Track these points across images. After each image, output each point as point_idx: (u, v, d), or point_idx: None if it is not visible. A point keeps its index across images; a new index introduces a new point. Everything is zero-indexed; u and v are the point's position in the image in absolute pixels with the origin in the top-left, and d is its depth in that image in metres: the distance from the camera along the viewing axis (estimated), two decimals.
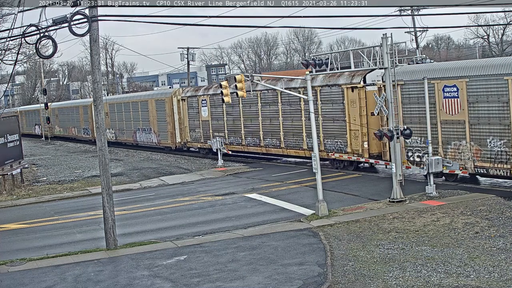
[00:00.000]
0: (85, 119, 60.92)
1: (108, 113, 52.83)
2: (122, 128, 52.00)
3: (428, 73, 23.00)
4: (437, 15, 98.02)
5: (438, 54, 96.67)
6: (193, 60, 70.88)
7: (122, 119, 51.72)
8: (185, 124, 41.60)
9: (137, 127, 49.02)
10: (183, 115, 41.82)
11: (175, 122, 42.53)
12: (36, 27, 17.42)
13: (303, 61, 23.19)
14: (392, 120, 20.99)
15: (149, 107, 46.16)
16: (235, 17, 54.20)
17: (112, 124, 53.69)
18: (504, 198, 19.82)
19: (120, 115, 51.87)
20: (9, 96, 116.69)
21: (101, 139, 17.93)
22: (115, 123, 53.21)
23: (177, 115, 42.34)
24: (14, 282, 14.96)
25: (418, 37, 55.45)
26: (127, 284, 14.13)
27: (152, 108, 45.79)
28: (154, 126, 45.53)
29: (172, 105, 42.64)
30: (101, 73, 18.58)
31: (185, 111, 41.41)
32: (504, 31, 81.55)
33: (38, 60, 68.66)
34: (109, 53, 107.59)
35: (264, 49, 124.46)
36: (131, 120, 49.84)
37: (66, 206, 26.13)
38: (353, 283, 12.93)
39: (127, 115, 50.65)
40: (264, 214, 21.00)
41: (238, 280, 13.68)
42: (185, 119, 41.62)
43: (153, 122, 45.61)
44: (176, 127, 42.58)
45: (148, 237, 18.84)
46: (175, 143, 43.10)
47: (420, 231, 16.74)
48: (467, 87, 22.08)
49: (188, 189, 27.90)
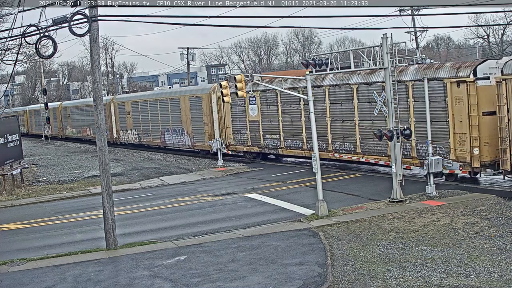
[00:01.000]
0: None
1: (131, 112, 49.49)
2: (147, 129, 47.23)
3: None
4: (437, 15, 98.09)
5: (438, 54, 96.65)
6: (193, 60, 70.89)
7: (147, 119, 46.94)
8: (227, 124, 36.94)
9: (166, 127, 44.06)
10: (224, 114, 37.08)
11: (214, 122, 37.90)
12: (36, 27, 17.43)
13: (303, 61, 23.20)
14: (392, 120, 20.99)
15: (182, 105, 41.40)
16: (235, 17, 54.30)
17: (135, 125, 49.32)
18: (504, 198, 19.82)
19: (145, 114, 47.09)
20: (9, 96, 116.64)
21: (101, 139, 17.91)
22: (139, 124, 48.49)
23: (216, 114, 37.68)
24: (14, 282, 14.96)
25: (418, 37, 55.44)
26: (127, 284, 14.13)
27: (185, 106, 41.01)
28: (188, 126, 40.74)
29: (210, 103, 37.83)
30: (101, 73, 18.58)
31: (227, 110, 36.57)
32: (504, 31, 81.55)
33: (38, 60, 68.52)
34: (109, 53, 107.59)
35: (264, 49, 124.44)
36: (159, 120, 45.00)
37: (66, 206, 26.12)
38: (353, 283, 12.93)
39: (153, 114, 45.84)
40: (264, 214, 21.00)
41: (238, 280, 13.68)
42: (227, 119, 36.91)
43: (187, 122, 40.85)
44: (215, 128, 37.93)
45: (148, 237, 18.84)
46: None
47: (420, 231, 16.74)
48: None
49: (188, 189, 27.90)
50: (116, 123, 52.99)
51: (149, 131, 46.93)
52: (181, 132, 41.82)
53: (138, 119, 48.38)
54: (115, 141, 53.32)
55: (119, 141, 52.79)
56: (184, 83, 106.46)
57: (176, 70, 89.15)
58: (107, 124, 52.63)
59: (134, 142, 49.46)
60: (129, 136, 50.75)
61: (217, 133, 37.61)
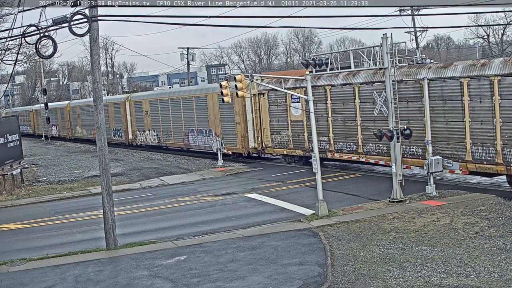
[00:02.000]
0: (116, 118, 52.79)
1: (149, 111, 46.00)
2: (167, 130, 43.66)
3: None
4: (437, 15, 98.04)
5: (438, 54, 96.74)
6: (193, 60, 70.92)
7: (168, 119, 43.31)
8: (264, 125, 33.65)
9: (190, 128, 40.53)
10: (260, 113, 33.87)
11: (248, 122, 34.55)
12: (36, 27, 17.44)
13: (303, 61, 23.18)
14: (392, 120, 20.99)
15: (209, 104, 37.78)
16: (235, 17, 54.16)
17: (153, 125, 45.73)
18: (504, 198, 19.81)
19: (166, 113, 43.48)
20: (9, 96, 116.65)
21: (101, 139, 17.92)
22: (158, 124, 44.94)
23: (250, 113, 34.45)
24: (14, 282, 14.96)
25: (418, 37, 55.47)
26: (127, 284, 14.13)
27: (213, 105, 37.27)
28: (216, 127, 37.15)
29: (243, 101, 34.23)
30: (101, 73, 18.58)
31: (264, 109, 33.29)
32: (504, 31, 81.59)
33: (38, 60, 68.38)
34: (109, 53, 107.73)
35: (264, 49, 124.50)
36: (182, 120, 41.40)
37: (66, 206, 26.12)
38: (353, 283, 12.93)
39: (176, 113, 42.12)
40: (264, 214, 21.00)
41: (238, 280, 13.68)
42: (264, 119, 33.59)
43: (215, 122, 37.33)
44: (250, 129, 34.71)
45: (148, 237, 18.84)
46: (247, 148, 35.12)
47: (420, 231, 16.74)
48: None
49: (188, 189, 27.90)
50: (132, 123, 49.68)
51: (170, 132, 43.43)
52: (208, 133, 38.22)
53: (158, 119, 44.97)
54: (131, 143, 50.46)
55: (135, 143, 49.65)
56: (184, 83, 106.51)
57: (176, 70, 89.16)
58: (121, 124, 51.19)
59: (152, 144, 45.86)
60: (146, 137, 47.35)
61: (251, 134, 34.74)
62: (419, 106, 23.90)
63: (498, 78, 20.86)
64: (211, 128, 37.86)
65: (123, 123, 50.80)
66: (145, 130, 47.32)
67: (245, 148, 35.24)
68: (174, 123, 42.48)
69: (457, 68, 22.55)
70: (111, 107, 52.69)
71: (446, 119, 22.98)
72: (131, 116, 49.71)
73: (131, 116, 49.71)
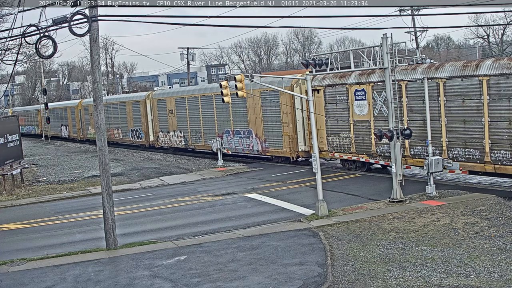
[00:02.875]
0: (135, 118, 48.73)
1: (174, 110, 42.30)
2: (197, 131, 39.82)
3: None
4: (437, 15, 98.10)
5: (438, 54, 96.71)
6: (193, 60, 70.92)
7: (197, 119, 39.65)
8: (319, 125, 29.03)
9: (224, 129, 36.61)
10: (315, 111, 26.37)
11: (297, 122, 30.87)
12: (36, 27, 17.45)
13: (303, 61, 23.18)
14: (392, 120, 20.99)
15: (249, 102, 33.75)
16: (235, 17, 54.20)
17: (180, 126, 41.86)
18: (504, 198, 19.81)
19: (195, 112, 39.74)
20: (9, 96, 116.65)
21: (101, 139, 17.91)
22: (185, 124, 41.10)
23: (301, 112, 31.00)
24: (14, 282, 14.96)
25: (418, 37, 55.45)
26: (127, 284, 14.13)
27: (254, 103, 33.33)
28: (258, 127, 33.24)
29: (293, 98, 30.61)
30: (101, 73, 18.58)
31: (320, 107, 28.89)
32: (504, 31, 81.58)
33: (38, 60, 68.33)
34: (109, 53, 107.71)
35: (264, 49, 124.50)
36: (215, 120, 37.67)
37: (66, 206, 26.12)
38: (353, 283, 12.93)
39: (207, 112, 38.36)
40: (264, 214, 21.00)
41: (238, 280, 13.68)
42: (318, 119, 28.40)
43: (255, 122, 33.66)
44: (299, 130, 31.23)
45: (148, 237, 18.84)
46: (296, 151, 31.22)
47: (420, 231, 16.74)
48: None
49: (188, 189, 27.90)
50: (154, 123, 45.80)
51: (199, 134, 39.55)
52: (247, 134, 34.38)
53: (185, 119, 40.94)
54: (152, 144, 46.75)
55: (157, 145, 45.81)
56: (184, 83, 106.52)
57: (176, 70, 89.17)
58: (141, 124, 47.80)
59: (178, 146, 41.73)
60: (171, 139, 43.39)
61: (301, 136, 31.17)
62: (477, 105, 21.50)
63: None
64: (251, 129, 34.14)
65: (143, 123, 47.22)
66: (170, 131, 43.65)
67: (293, 151, 31.38)
68: (206, 123, 38.76)
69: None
70: (129, 105, 49.46)
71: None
72: (153, 115, 46.03)
73: (153, 115, 46.03)
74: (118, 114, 52.03)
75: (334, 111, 28.34)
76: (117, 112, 52.41)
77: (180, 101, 41.42)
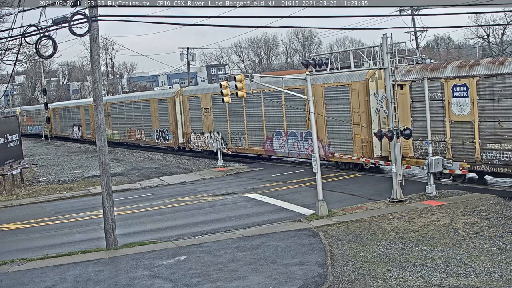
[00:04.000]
0: (161, 118, 44.28)
1: (210, 108, 38.04)
2: (239, 132, 35.73)
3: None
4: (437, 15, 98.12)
5: (438, 54, 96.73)
6: (193, 60, 70.92)
7: (239, 119, 35.54)
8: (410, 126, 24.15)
9: (275, 130, 32.62)
10: (398, 110, 22.93)
11: (373, 123, 26.52)
12: (36, 27, 17.45)
13: (303, 61, 23.20)
14: (392, 120, 20.99)
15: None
16: (235, 17, 54.23)
17: (217, 126, 37.52)
18: (504, 198, 19.82)
19: (237, 112, 35.59)
20: (9, 96, 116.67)
21: (101, 139, 17.91)
22: (224, 124, 36.88)
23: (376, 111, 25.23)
24: (14, 282, 14.96)
25: (418, 37, 55.47)
26: (127, 284, 14.13)
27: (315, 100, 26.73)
28: (320, 129, 28.50)
29: (367, 95, 26.48)
30: (101, 73, 18.58)
31: (404, 105, 24.81)
32: (504, 31, 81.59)
33: (38, 60, 68.26)
34: (109, 53, 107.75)
35: (264, 49, 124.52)
36: (262, 120, 33.56)
37: (66, 206, 26.12)
38: (353, 283, 12.93)
39: (252, 112, 34.33)
40: (264, 214, 21.00)
41: (238, 280, 13.68)
42: (403, 118, 24.53)
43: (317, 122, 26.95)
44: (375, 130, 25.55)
45: (148, 237, 18.84)
46: (371, 156, 26.85)
47: (420, 231, 16.74)
48: None
49: (188, 189, 27.90)
50: (185, 123, 41.64)
51: (242, 135, 35.49)
52: (306, 136, 30.38)
53: (224, 119, 36.97)
54: (182, 147, 42.43)
55: (188, 147, 41.49)
56: (184, 83, 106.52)
57: (176, 70, 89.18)
58: (169, 124, 43.31)
59: (216, 149, 36.33)
60: (206, 140, 39.20)
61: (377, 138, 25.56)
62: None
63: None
64: (309, 130, 28.26)
65: (171, 124, 42.77)
66: (204, 132, 39.30)
67: (368, 156, 26.93)
68: (250, 123, 34.60)
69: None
70: (154, 104, 44.98)
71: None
72: (184, 114, 41.71)
73: (184, 114, 41.71)
74: (141, 113, 47.10)
75: (424, 110, 23.17)
76: (139, 111, 47.44)
77: (217, 99, 35.12)
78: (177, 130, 42.53)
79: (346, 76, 27.10)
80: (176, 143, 42.73)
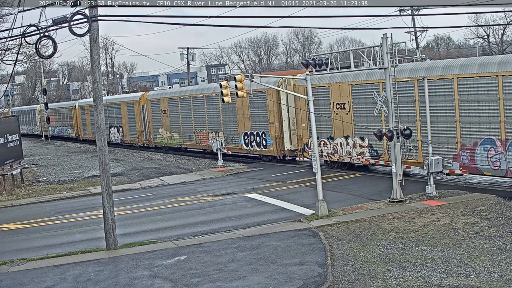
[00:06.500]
0: (255, 118, 33.54)
1: (350, 102, 26.71)
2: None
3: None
4: (437, 15, 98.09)
5: (438, 54, 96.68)
6: (193, 60, 70.97)
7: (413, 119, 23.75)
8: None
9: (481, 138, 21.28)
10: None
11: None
12: (36, 27, 17.45)
13: (303, 61, 23.18)
14: (392, 120, 20.98)
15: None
16: (235, 17, 54.14)
17: (358, 130, 26.62)
18: (504, 198, 19.81)
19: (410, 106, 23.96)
20: (9, 96, 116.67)
21: (101, 139, 17.90)
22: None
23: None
24: (14, 282, 14.96)
25: (418, 37, 55.51)
26: (127, 284, 14.13)
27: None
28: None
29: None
30: (101, 73, 18.58)
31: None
32: (504, 31, 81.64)
33: (38, 60, 68.29)
34: (109, 53, 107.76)
35: (264, 49, 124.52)
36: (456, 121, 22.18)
37: (66, 206, 26.12)
38: (353, 283, 12.93)
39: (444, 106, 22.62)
40: (264, 214, 21.00)
41: (238, 280, 13.68)
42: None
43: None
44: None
45: (148, 237, 18.84)
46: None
47: (420, 231, 16.74)
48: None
49: (188, 189, 27.90)
50: (300, 125, 30.81)
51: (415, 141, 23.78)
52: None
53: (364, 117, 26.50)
54: (290, 156, 33.08)
55: (302, 157, 31.54)
56: (184, 83, 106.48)
57: (176, 70, 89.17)
58: (269, 126, 32.67)
59: (354, 161, 27.40)
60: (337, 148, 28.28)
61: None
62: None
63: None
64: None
65: (274, 125, 32.16)
66: (335, 138, 28.33)
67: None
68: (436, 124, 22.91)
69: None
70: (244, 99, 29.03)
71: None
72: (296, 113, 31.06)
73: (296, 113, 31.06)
74: (219, 112, 36.57)
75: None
76: (216, 110, 36.83)
77: (359, 88, 25.92)
78: (283, 134, 32.15)
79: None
80: (282, 151, 32.38)
